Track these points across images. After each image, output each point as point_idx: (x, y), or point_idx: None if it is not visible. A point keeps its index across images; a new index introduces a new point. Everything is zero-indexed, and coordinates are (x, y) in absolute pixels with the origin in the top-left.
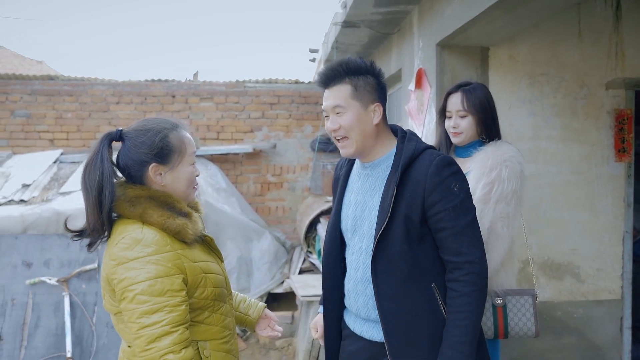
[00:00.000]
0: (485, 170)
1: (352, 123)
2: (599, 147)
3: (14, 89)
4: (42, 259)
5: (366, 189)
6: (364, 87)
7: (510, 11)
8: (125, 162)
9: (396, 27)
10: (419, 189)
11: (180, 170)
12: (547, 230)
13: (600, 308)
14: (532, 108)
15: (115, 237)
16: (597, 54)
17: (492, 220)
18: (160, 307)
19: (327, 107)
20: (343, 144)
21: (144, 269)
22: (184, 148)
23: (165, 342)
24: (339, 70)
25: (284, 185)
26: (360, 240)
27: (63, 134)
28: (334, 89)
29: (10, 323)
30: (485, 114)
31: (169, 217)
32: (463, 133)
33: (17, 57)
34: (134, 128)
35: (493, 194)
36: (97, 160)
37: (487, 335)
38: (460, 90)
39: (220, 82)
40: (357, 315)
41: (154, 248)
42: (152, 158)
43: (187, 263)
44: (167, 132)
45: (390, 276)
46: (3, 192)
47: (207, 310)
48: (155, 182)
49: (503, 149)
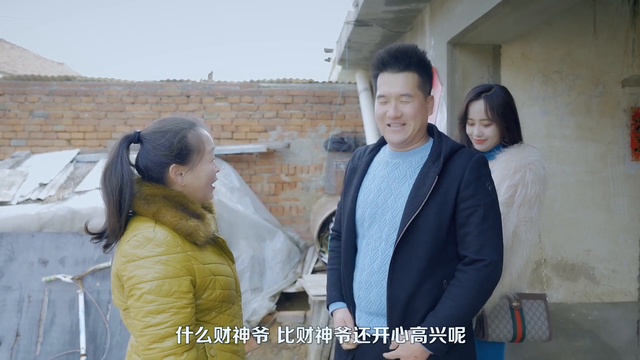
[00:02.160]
0: (509, 172)
1: (416, 113)
2: (615, 146)
3: (33, 89)
4: (57, 257)
5: (394, 177)
6: (426, 78)
7: (520, 8)
8: (145, 164)
9: (408, 25)
10: (455, 181)
11: (200, 168)
12: (561, 231)
13: (616, 310)
14: (545, 106)
15: (128, 234)
16: (613, 50)
17: (516, 225)
18: (166, 308)
19: (392, 93)
20: (399, 129)
21: (153, 269)
22: (203, 146)
23: (168, 343)
24: (412, 57)
25: (298, 185)
26: (379, 229)
27: (80, 134)
28: (402, 75)
29: (27, 320)
30: (509, 120)
31: (182, 218)
32: (488, 140)
33: (39, 59)
34: (151, 130)
35: (517, 197)
36: (117, 164)
37: (506, 338)
38: (483, 97)
39: (235, 82)
40: (366, 309)
41: (164, 248)
42: (172, 159)
43: (196, 265)
44: (185, 132)
45: (409, 267)
46: (21, 191)
47: (215, 311)
48: (175, 182)
49: (527, 151)
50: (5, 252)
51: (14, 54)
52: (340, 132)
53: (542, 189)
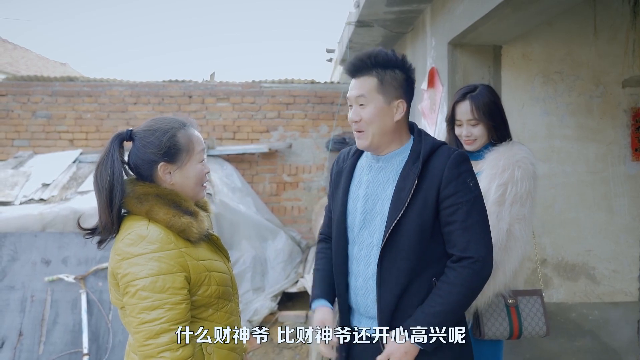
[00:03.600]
0: (498, 170)
1: (372, 117)
2: (616, 146)
3: (36, 90)
4: (60, 257)
5: (378, 182)
6: (391, 81)
7: (521, 9)
8: (135, 162)
9: (409, 26)
10: (435, 180)
11: (188, 168)
12: (562, 231)
13: (617, 310)
14: (546, 107)
15: (122, 232)
16: (613, 51)
17: (510, 223)
18: (161, 304)
19: (350, 96)
20: (359, 134)
21: (147, 265)
22: (192, 146)
23: (164, 339)
24: (367, 61)
25: (300, 185)
26: (370, 235)
27: (82, 134)
28: (360, 80)
29: (30, 319)
30: (496, 119)
31: (175, 215)
32: (477, 140)
33: (42, 59)
34: (143, 128)
35: (507, 196)
36: (107, 160)
37: (502, 335)
38: (468, 98)
39: (237, 82)
40: (365, 313)
41: (157, 245)
42: (160, 157)
43: (190, 261)
44: (174, 132)
45: (396, 269)
46: (24, 191)
47: (211, 308)
48: (164, 180)
49: (515, 149)
50: (8, 252)
51: (16, 55)
52: (341, 132)
53: (532, 186)
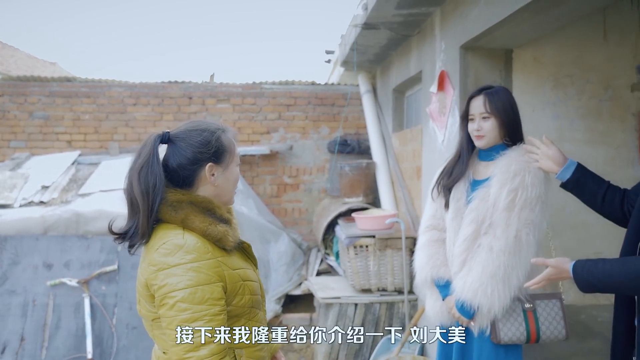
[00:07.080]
0: (509, 175)
1: None
2: (624, 149)
3: (33, 90)
4: (62, 260)
5: None
6: None
7: (539, 13)
8: (179, 162)
9: (416, 29)
10: None
11: (230, 170)
12: (571, 234)
13: None
14: (556, 110)
15: (155, 242)
16: (622, 55)
17: (518, 229)
18: (200, 316)
19: None
20: None
21: (185, 276)
22: (233, 149)
23: (204, 352)
24: None
25: (300, 187)
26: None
27: (80, 136)
28: None
29: (32, 324)
30: (508, 116)
31: (211, 223)
32: (486, 136)
33: (31, 58)
34: (186, 129)
35: (517, 201)
36: (153, 163)
37: (519, 340)
38: (483, 93)
39: (237, 83)
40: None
41: (195, 255)
42: (209, 157)
43: (227, 271)
44: (220, 133)
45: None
46: (23, 193)
47: (244, 318)
48: (208, 182)
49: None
50: (9, 256)
51: (5, 53)
52: (343, 134)
53: (543, 190)
